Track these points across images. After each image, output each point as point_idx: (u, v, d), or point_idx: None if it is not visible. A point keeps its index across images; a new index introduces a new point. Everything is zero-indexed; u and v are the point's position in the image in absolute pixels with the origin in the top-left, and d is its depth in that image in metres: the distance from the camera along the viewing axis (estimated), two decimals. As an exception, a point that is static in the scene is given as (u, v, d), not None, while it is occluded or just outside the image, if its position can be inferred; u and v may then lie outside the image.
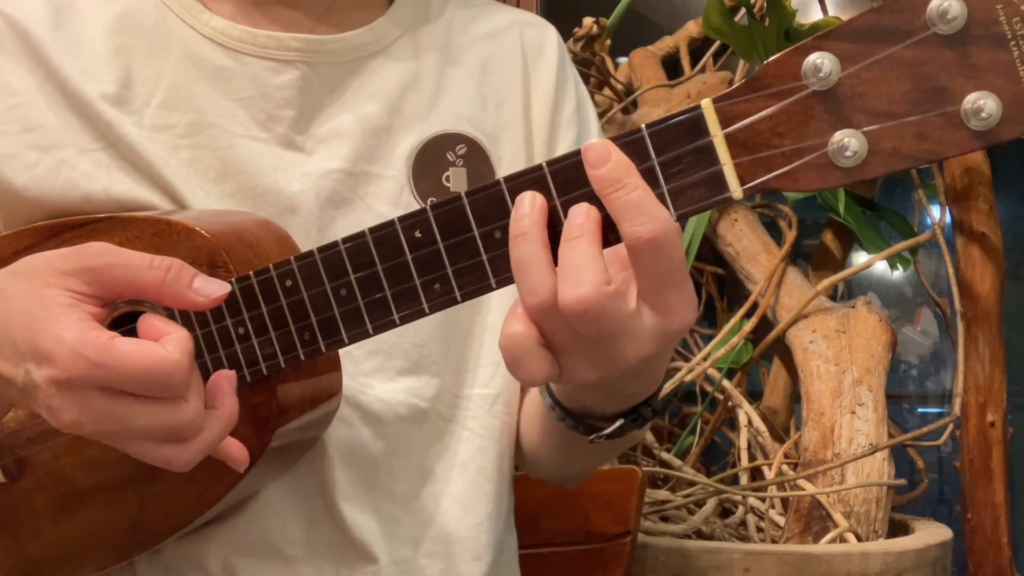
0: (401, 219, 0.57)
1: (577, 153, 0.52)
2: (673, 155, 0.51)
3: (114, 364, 0.54)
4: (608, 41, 1.66)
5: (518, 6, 1.50)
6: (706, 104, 0.50)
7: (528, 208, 0.53)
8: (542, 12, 1.83)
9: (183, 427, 0.57)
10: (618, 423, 0.66)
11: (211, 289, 0.58)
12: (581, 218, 0.53)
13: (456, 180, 0.81)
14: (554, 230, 0.53)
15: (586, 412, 0.69)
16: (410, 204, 0.79)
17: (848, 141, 0.47)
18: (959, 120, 0.45)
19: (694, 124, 0.50)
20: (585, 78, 1.08)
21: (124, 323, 0.63)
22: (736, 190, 0.50)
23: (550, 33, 0.90)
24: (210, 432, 0.59)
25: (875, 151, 0.47)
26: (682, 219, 0.52)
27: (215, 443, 0.59)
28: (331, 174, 0.77)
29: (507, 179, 0.54)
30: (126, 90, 0.76)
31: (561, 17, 0.92)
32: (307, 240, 0.75)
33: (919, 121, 0.46)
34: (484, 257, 0.56)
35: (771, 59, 0.48)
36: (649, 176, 0.51)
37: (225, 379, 0.60)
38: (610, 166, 0.51)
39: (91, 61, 0.76)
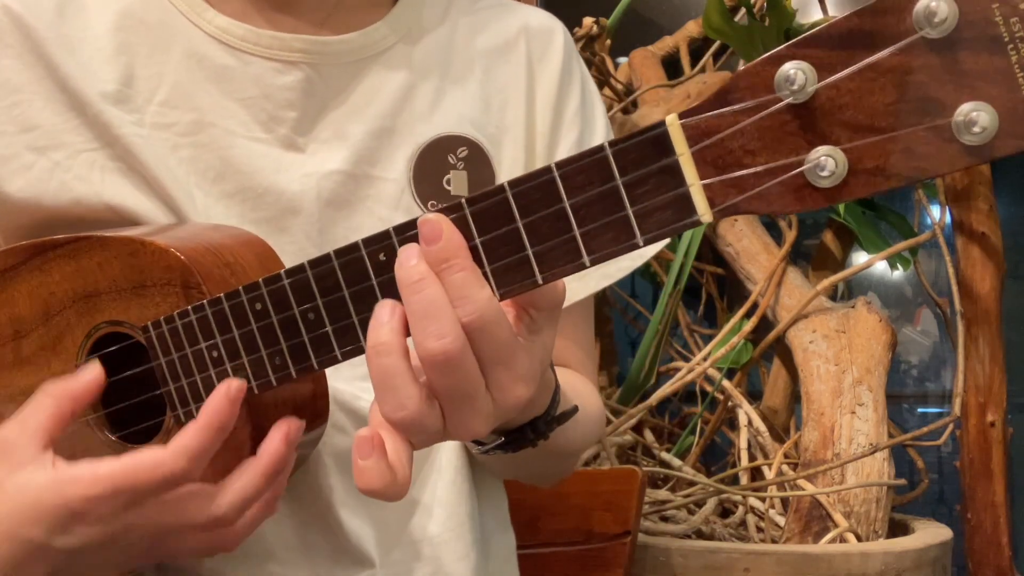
0: (365, 242, 0.52)
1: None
2: (638, 175, 0.44)
3: (123, 484, 0.55)
4: (608, 41, 1.63)
5: (519, 3, 1.47)
6: (671, 120, 0.43)
7: (388, 317, 0.50)
8: (542, 10, 1.80)
9: (216, 518, 0.59)
10: (495, 442, 0.62)
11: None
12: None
13: (457, 183, 0.77)
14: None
15: None
16: (411, 207, 0.75)
17: (826, 160, 0.40)
18: (950, 134, 0.38)
19: (659, 142, 0.44)
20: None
21: (108, 343, 0.64)
22: (705, 213, 0.43)
23: (557, 31, 0.85)
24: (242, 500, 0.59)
25: (857, 170, 0.40)
26: (651, 243, 0.45)
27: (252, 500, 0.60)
28: (332, 175, 0.74)
29: (469, 201, 0.49)
30: (128, 88, 0.72)
31: (561, 17, 0.87)
32: (308, 241, 0.72)
33: (905, 136, 0.39)
34: None
35: (742, 69, 0.41)
36: (613, 197, 0.45)
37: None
38: (441, 244, 0.48)
39: (93, 58, 0.72)
